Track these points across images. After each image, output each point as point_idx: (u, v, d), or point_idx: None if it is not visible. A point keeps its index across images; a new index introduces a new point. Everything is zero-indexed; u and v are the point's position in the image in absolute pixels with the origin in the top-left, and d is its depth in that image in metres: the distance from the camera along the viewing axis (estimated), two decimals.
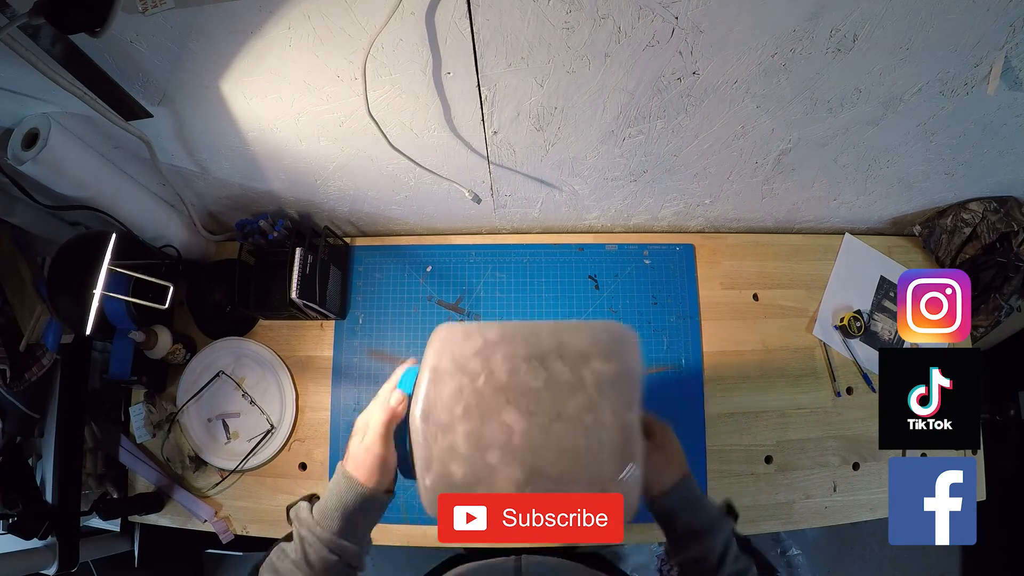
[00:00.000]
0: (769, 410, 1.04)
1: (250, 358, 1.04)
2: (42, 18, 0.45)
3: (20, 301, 0.86)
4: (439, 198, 0.98)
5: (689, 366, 1.05)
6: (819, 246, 1.13)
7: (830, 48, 0.62)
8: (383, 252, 1.10)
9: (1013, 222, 1.02)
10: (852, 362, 1.08)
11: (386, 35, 0.57)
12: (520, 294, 1.07)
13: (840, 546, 1.74)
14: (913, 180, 0.97)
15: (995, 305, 1.10)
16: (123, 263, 0.82)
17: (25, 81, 0.64)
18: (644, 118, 0.75)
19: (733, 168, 0.90)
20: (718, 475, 1.01)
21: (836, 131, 0.80)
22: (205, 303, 1.04)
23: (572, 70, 0.64)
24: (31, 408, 0.91)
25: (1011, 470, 1.49)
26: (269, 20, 0.56)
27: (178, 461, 1.00)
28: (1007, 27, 0.61)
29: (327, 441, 1.02)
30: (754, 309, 1.09)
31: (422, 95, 0.68)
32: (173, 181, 0.89)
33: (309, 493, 0.55)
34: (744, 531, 1.00)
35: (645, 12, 0.56)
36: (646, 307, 1.07)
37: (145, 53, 0.60)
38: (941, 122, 0.79)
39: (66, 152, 0.72)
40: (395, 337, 1.05)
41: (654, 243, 1.11)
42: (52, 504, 0.88)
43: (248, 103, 0.70)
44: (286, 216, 1.03)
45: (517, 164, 0.87)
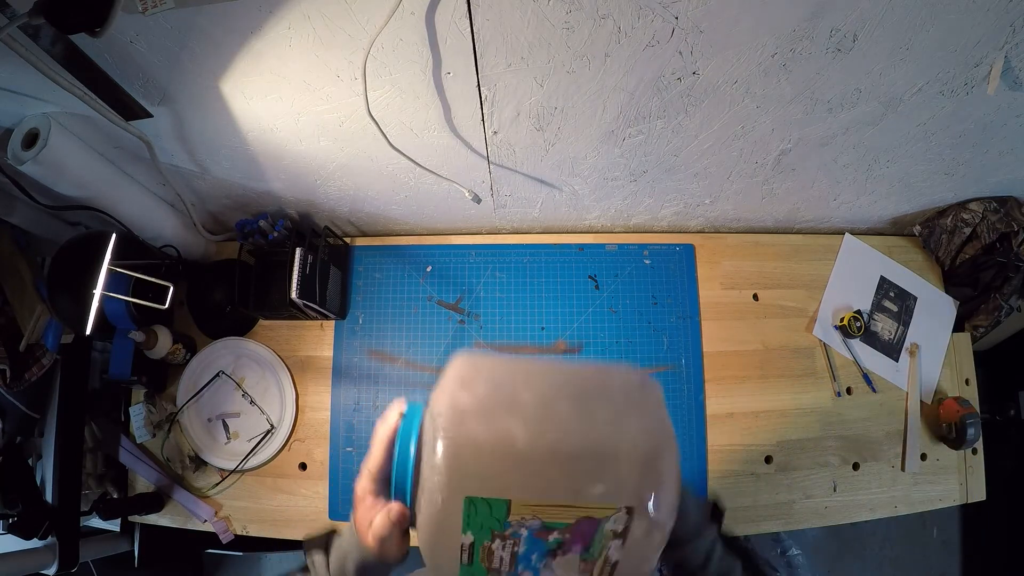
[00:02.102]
0: (769, 410, 1.05)
1: (250, 358, 1.04)
2: (42, 18, 0.45)
3: (20, 301, 0.86)
4: (439, 198, 0.98)
5: (689, 366, 1.05)
6: (819, 246, 1.13)
7: (830, 48, 0.62)
8: (383, 252, 1.10)
9: (1013, 222, 1.02)
10: (852, 362, 1.08)
11: (386, 35, 0.57)
12: (520, 294, 1.07)
13: (840, 546, 1.74)
14: (913, 180, 0.97)
15: (995, 305, 1.10)
16: (123, 263, 0.82)
17: (25, 81, 0.64)
18: (644, 118, 0.75)
19: (733, 168, 0.90)
20: (718, 475, 1.01)
21: (836, 131, 0.80)
22: (205, 303, 1.04)
23: (572, 70, 0.64)
24: (31, 408, 0.91)
25: (1011, 470, 1.49)
26: (269, 20, 0.56)
27: (178, 461, 1.00)
28: (1007, 27, 0.61)
29: (327, 441, 1.02)
30: (754, 309, 1.09)
31: (422, 95, 0.68)
32: (173, 181, 0.89)
33: (327, 530, 0.53)
34: (744, 531, 1.01)
35: (645, 12, 0.56)
36: (646, 307, 1.07)
37: (145, 53, 0.60)
38: (941, 122, 0.79)
39: (66, 152, 0.72)
40: (395, 337, 1.05)
41: (654, 243, 1.11)
42: (52, 504, 0.88)
43: (248, 103, 0.70)
44: (286, 216, 1.03)
45: (517, 164, 0.87)
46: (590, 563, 0.41)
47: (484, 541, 0.40)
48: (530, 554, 0.41)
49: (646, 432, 0.41)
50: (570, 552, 0.41)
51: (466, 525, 0.40)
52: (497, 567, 0.41)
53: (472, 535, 0.40)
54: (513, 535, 0.40)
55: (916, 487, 1.06)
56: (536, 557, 0.41)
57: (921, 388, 1.09)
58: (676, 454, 0.42)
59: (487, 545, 0.41)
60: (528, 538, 0.40)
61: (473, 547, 0.41)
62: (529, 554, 0.41)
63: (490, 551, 0.41)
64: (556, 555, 0.41)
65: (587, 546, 0.41)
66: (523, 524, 0.40)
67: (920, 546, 1.75)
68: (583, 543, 0.41)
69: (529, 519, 0.40)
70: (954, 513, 1.77)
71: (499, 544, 0.40)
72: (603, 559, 0.41)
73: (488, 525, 0.40)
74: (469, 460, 0.39)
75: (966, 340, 1.14)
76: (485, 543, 0.40)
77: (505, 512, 0.40)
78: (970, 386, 1.12)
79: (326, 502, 0.99)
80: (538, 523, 0.40)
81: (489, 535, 0.40)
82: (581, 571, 0.41)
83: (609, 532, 0.40)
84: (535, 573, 0.41)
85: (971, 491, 1.08)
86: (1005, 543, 1.67)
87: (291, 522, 1.00)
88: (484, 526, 0.40)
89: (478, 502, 0.39)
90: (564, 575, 0.41)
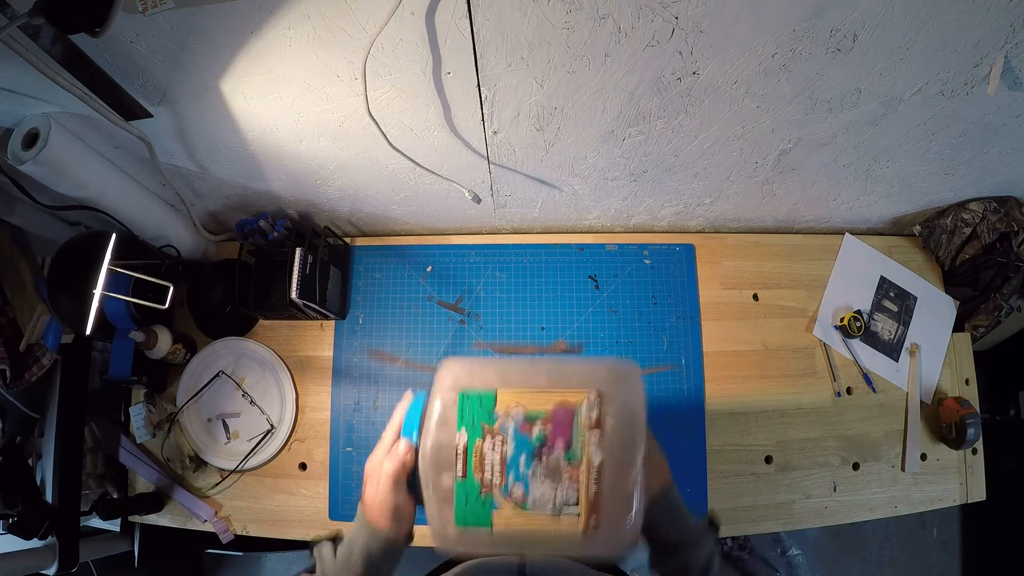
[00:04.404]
0: (769, 410, 1.05)
1: (250, 358, 1.04)
2: (42, 18, 0.45)
3: (20, 301, 0.86)
4: (439, 198, 0.98)
5: (689, 366, 1.05)
6: (819, 246, 1.13)
7: (830, 48, 0.62)
8: (383, 252, 1.10)
9: (1013, 222, 1.02)
10: (852, 362, 1.08)
11: (386, 35, 0.57)
12: (520, 294, 1.07)
13: (840, 546, 1.74)
14: (913, 180, 0.97)
15: (995, 305, 1.10)
16: (123, 263, 0.82)
17: (25, 81, 0.64)
18: (644, 118, 0.75)
19: (733, 168, 0.90)
20: (718, 475, 1.01)
21: (836, 131, 0.80)
22: (205, 303, 1.04)
23: (572, 70, 0.64)
24: (31, 408, 0.91)
25: (1011, 470, 1.49)
26: (269, 20, 0.56)
27: (178, 461, 1.00)
28: (1007, 27, 0.61)
29: (327, 441, 1.02)
30: (754, 309, 1.09)
31: (422, 95, 0.68)
32: (173, 181, 0.89)
33: (333, 532, 0.55)
34: (744, 531, 1.01)
35: (645, 12, 0.56)
36: (646, 307, 1.07)
37: (145, 53, 0.60)
38: (941, 122, 0.79)
39: (66, 152, 0.72)
40: (395, 337, 1.05)
41: (654, 243, 1.11)
42: (52, 504, 0.88)
43: (248, 103, 0.70)
44: (286, 216, 1.03)
45: (517, 164, 0.87)
46: (575, 466, 0.45)
47: (476, 439, 0.46)
48: (518, 456, 0.45)
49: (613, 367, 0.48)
50: (555, 450, 0.45)
51: (460, 420, 0.46)
52: (489, 478, 0.45)
53: (466, 432, 0.46)
54: (501, 429, 0.46)
55: (916, 487, 1.06)
56: (524, 460, 0.45)
57: (921, 388, 1.09)
58: (642, 386, 0.48)
59: (479, 445, 0.46)
60: (514, 434, 0.46)
61: (467, 451, 0.46)
62: (517, 456, 0.45)
63: (481, 454, 0.45)
64: (542, 457, 0.45)
65: (568, 442, 0.45)
66: (508, 416, 0.46)
67: (920, 546, 1.75)
68: (564, 437, 0.45)
69: (513, 408, 0.46)
70: (954, 513, 1.77)
71: (489, 444, 0.46)
72: (586, 460, 0.45)
73: (478, 418, 0.46)
74: (461, 372, 0.48)
75: (966, 340, 1.14)
76: (477, 442, 0.46)
77: (492, 403, 0.47)
78: (970, 386, 1.12)
79: (326, 502, 0.99)
80: (521, 413, 0.46)
81: (480, 431, 0.46)
82: (569, 479, 0.45)
83: (585, 421, 0.45)
84: (525, 484, 0.45)
85: (971, 491, 1.08)
86: (1005, 543, 1.67)
87: (291, 522, 1.00)
88: (475, 420, 0.46)
89: (470, 396, 0.47)
90: (553, 486, 0.45)
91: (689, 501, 1.02)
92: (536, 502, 0.44)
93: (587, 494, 0.44)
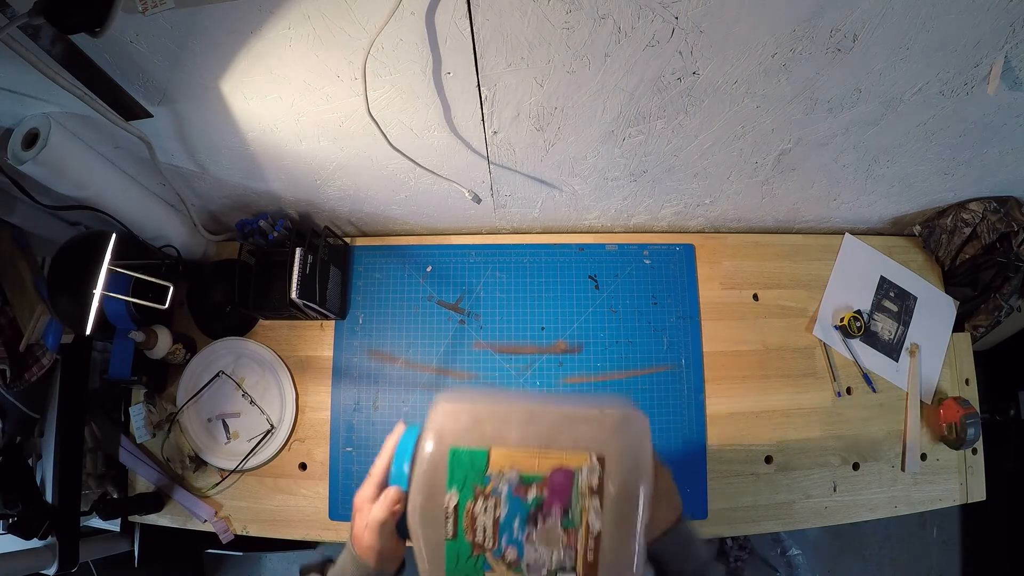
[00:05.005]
0: (769, 410, 1.05)
1: (250, 358, 1.04)
2: (42, 18, 0.45)
3: (20, 301, 0.86)
4: (439, 198, 0.98)
5: (689, 366, 1.05)
6: (819, 246, 1.13)
7: (830, 48, 0.62)
8: (383, 252, 1.10)
9: (1013, 222, 1.02)
10: (852, 362, 1.08)
11: (386, 35, 0.57)
12: (520, 294, 1.07)
13: (840, 546, 1.74)
14: (913, 180, 0.97)
15: (995, 305, 1.10)
16: (123, 263, 0.82)
17: (25, 81, 0.64)
18: (644, 118, 0.75)
19: (733, 168, 0.90)
20: (718, 475, 1.01)
21: (836, 131, 0.80)
22: (205, 303, 1.04)
23: (572, 70, 0.64)
24: (31, 408, 0.91)
25: (1011, 470, 1.50)
26: (269, 20, 0.56)
27: (178, 461, 1.00)
28: (1007, 27, 0.61)
29: (327, 441, 1.02)
30: (754, 309, 1.09)
31: (422, 95, 0.68)
32: (173, 181, 0.89)
33: (323, 560, 0.54)
34: (744, 531, 1.01)
35: (645, 12, 0.56)
36: (646, 307, 1.07)
37: (145, 53, 0.60)
38: (941, 122, 0.79)
39: (66, 152, 0.72)
40: (395, 337, 1.05)
41: (654, 243, 1.11)
42: (52, 504, 0.88)
43: (248, 103, 0.70)
44: (286, 216, 1.03)
45: (517, 164, 0.87)
46: (573, 533, 0.43)
47: (467, 500, 0.43)
48: (512, 518, 0.43)
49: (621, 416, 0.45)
50: (550, 516, 0.43)
51: (451, 479, 0.43)
52: (481, 541, 0.43)
53: (456, 491, 0.43)
54: (493, 492, 0.43)
55: (916, 487, 1.06)
56: (518, 524, 0.42)
57: (921, 388, 1.09)
58: (651, 448, 0.45)
59: (470, 507, 0.43)
60: (508, 496, 0.43)
61: (458, 511, 0.43)
62: (511, 519, 0.43)
63: (473, 516, 0.43)
64: (538, 521, 0.43)
65: (566, 508, 0.43)
66: (502, 477, 0.43)
67: (920, 546, 1.75)
68: (561, 502, 0.43)
69: (507, 470, 0.43)
70: (954, 513, 1.77)
71: (481, 506, 0.43)
72: (585, 527, 0.42)
73: (470, 480, 0.43)
74: (454, 424, 0.45)
75: (966, 340, 1.14)
76: (468, 504, 0.43)
77: (485, 463, 0.43)
78: (970, 386, 1.12)
79: (326, 502, 0.99)
80: (516, 476, 0.43)
81: (471, 492, 0.43)
82: (566, 544, 0.43)
83: (584, 488, 0.43)
84: (519, 547, 0.43)
85: (971, 491, 1.08)
86: (1005, 543, 1.67)
87: (291, 522, 1.00)
88: (467, 481, 0.43)
89: (461, 453, 0.43)
90: (549, 551, 0.43)
91: (689, 501, 1.02)
92: (531, 566, 0.43)
93: (584, 560, 0.42)
